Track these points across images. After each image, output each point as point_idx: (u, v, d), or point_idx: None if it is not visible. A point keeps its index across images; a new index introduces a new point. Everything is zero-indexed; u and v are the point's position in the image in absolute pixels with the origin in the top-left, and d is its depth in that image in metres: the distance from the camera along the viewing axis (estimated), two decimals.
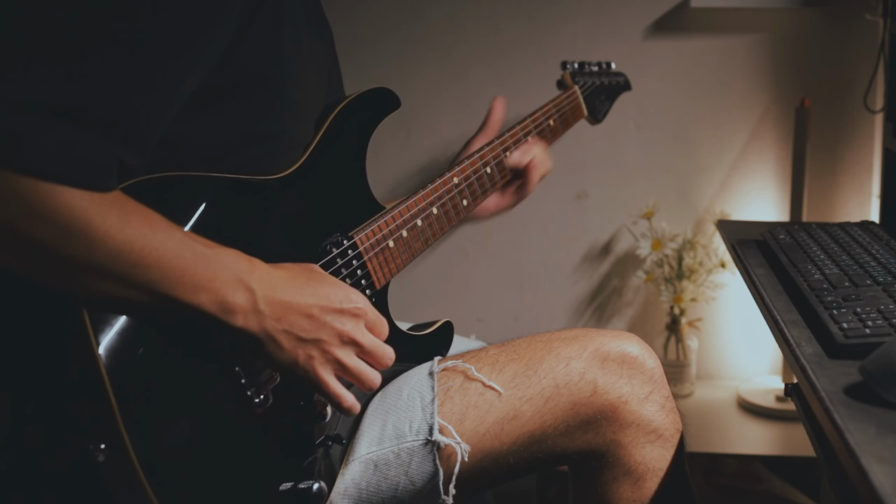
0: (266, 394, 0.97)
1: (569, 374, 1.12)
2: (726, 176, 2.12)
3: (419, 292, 2.21)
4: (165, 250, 0.85)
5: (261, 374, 0.97)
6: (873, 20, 1.93)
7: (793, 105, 2.02)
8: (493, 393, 1.11)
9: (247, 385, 0.95)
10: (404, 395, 1.12)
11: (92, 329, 0.84)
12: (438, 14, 2.13)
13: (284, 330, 0.93)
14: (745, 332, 2.17)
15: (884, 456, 0.74)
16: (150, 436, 0.86)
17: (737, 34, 2.07)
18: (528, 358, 1.14)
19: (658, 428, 1.13)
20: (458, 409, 1.11)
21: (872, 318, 1.00)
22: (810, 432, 1.00)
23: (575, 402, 1.11)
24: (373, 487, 1.09)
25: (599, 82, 1.63)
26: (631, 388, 1.12)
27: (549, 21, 2.08)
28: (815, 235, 1.38)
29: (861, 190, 2.08)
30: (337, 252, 1.10)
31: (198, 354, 0.93)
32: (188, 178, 0.96)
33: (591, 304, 2.21)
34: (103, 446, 0.83)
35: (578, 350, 1.14)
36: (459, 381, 1.13)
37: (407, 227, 1.21)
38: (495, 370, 1.13)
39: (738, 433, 1.98)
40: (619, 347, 1.14)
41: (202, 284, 0.87)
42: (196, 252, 0.87)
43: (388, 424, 1.10)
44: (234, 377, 0.95)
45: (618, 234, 2.17)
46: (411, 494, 1.09)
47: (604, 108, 1.66)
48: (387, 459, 1.09)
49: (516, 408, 1.11)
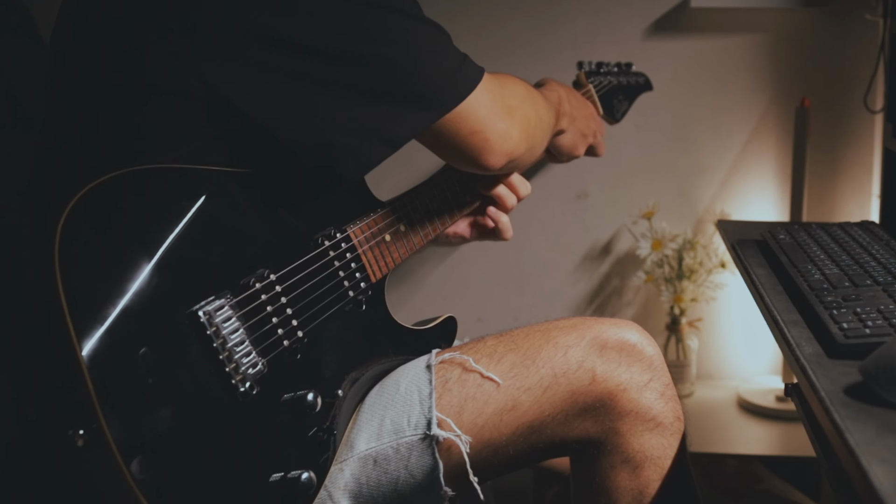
0: (252, 383, 0.97)
1: (567, 362, 1.12)
2: (726, 176, 2.12)
3: (419, 292, 2.21)
4: (546, 100, 1.32)
5: (246, 364, 0.97)
6: (873, 20, 1.93)
7: (793, 105, 2.02)
8: (491, 384, 1.11)
9: (232, 374, 0.95)
10: (402, 388, 1.12)
11: (70, 316, 0.84)
12: (438, 14, 2.12)
13: (573, 129, 1.46)
14: (745, 332, 2.17)
15: (884, 456, 0.74)
16: (130, 422, 0.86)
17: (737, 34, 2.07)
18: (527, 347, 1.14)
19: (657, 416, 1.12)
20: (457, 402, 1.11)
21: (872, 318, 1.00)
22: (810, 432, 1.00)
23: (573, 390, 1.11)
24: (373, 482, 1.09)
25: (617, 82, 1.62)
26: (630, 376, 1.12)
27: (549, 21, 2.08)
28: (815, 235, 1.38)
29: (861, 190, 2.08)
30: (329, 244, 1.10)
31: (181, 343, 0.93)
32: (187, 171, 0.97)
33: (591, 304, 2.21)
34: (82, 431, 0.83)
35: (577, 338, 1.14)
36: (457, 373, 1.12)
37: (405, 221, 1.21)
38: (493, 361, 1.13)
39: (738, 433, 1.98)
40: (618, 335, 1.14)
41: (560, 117, 1.38)
42: (550, 99, 1.35)
43: (387, 419, 1.10)
44: (219, 366, 0.95)
45: (618, 234, 2.17)
46: (412, 488, 1.09)
47: (622, 108, 1.66)
48: (386, 455, 1.09)
49: (515, 398, 1.11)
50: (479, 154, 1.14)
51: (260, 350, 0.99)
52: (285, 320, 1.03)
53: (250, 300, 1.00)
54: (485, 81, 1.14)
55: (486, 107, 1.13)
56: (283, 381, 1.02)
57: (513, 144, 1.17)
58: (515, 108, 1.18)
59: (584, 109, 1.49)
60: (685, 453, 1.15)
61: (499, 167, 1.17)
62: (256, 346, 0.99)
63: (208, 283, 0.97)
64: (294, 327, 1.04)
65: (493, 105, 1.14)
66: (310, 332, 1.06)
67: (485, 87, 1.13)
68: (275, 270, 1.03)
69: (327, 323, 1.09)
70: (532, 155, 1.26)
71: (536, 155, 1.29)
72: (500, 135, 1.15)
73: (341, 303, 1.12)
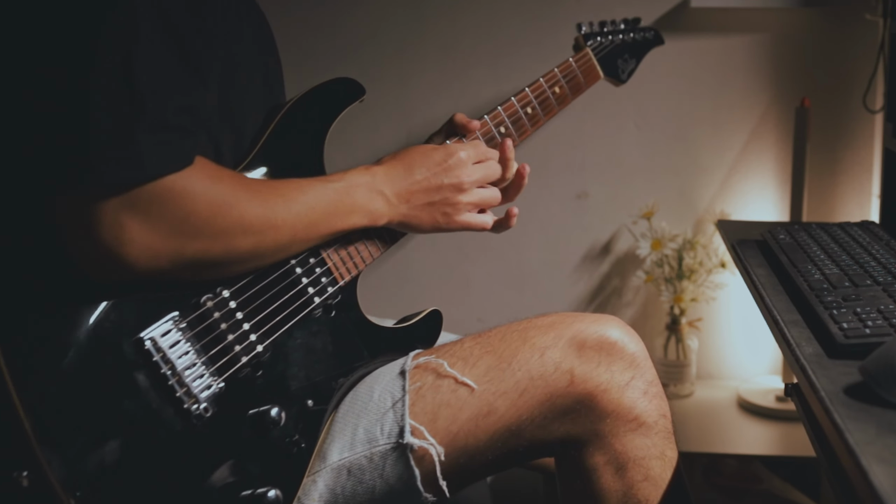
0: (208, 404, 0.96)
1: (543, 364, 1.09)
2: (726, 176, 2.12)
3: (419, 292, 2.21)
4: (316, 204, 1.04)
5: (199, 385, 0.96)
6: (873, 20, 1.93)
7: (793, 105, 2.02)
8: (466, 389, 1.09)
9: (183, 398, 0.94)
10: (375, 395, 1.10)
11: (3, 355, 0.83)
12: (438, 14, 2.13)
13: (416, 206, 1.14)
14: (745, 332, 2.17)
15: (884, 456, 0.74)
16: (74, 460, 0.85)
17: (737, 34, 2.07)
18: (503, 350, 1.11)
19: (640, 415, 1.09)
20: (430, 409, 1.08)
21: (872, 318, 1.00)
22: (810, 432, 1.00)
23: (551, 393, 1.08)
24: (348, 493, 1.07)
25: (620, 40, 1.53)
26: (610, 376, 1.09)
27: (549, 21, 2.08)
28: (815, 235, 1.38)
29: (861, 190, 2.08)
30: None
31: (127, 372, 0.91)
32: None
33: (591, 304, 2.21)
34: (26, 473, 0.83)
35: (554, 339, 1.11)
36: (431, 379, 1.10)
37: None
38: (468, 365, 1.11)
39: (738, 433, 1.98)
40: (598, 333, 1.11)
41: (351, 210, 1.08)
42: (335, 189, 1.07)
43: (360, 428, 1.08)
44: (169, 391, 0.94)
45: (618, 234, 2.17)
46: (390, 497, 1.07)
47: (628, 68, 1.55)
48: (360, 464, 1.07)
49: (490, 403, 1.08)
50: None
51: (216, 369, 0.98)
52: (242, 336, 1.01)
53: (202, 319, 0.98)
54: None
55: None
56: (244, 397, 1.00)
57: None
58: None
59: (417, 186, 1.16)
60: (677, 455, 1.12)
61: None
62: (211, 365, 0.97)
63: (156, 305, 0.95)
64: (252, 342, 1.01)
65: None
66: (271, 344, 1.03)
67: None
68: (230, 285, 1.01)
69: (292, 332, 1.06)
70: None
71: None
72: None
73: (306, 310, 1.08)
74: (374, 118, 2.10)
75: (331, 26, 2.12)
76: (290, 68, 1.29)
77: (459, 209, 1.18)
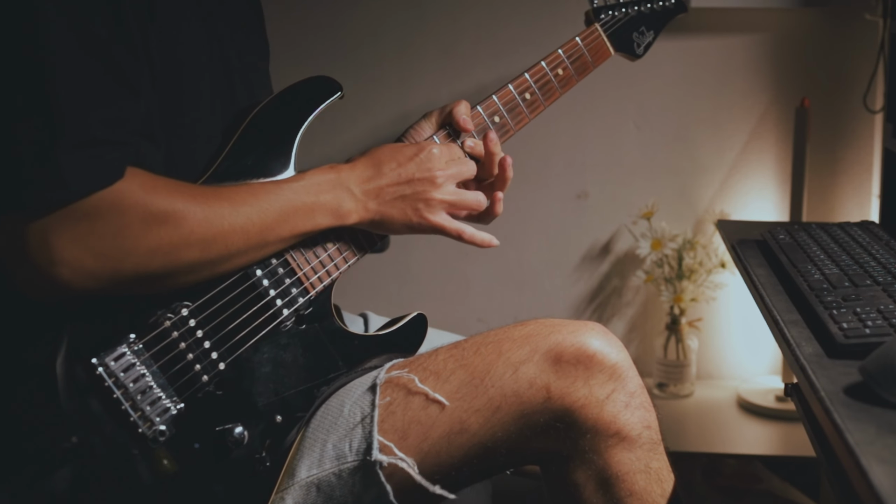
0: (164, 426, 0.95)
1: (517, 381, 1.04)
2: (726, 176, 2.12)
3: (419, 292, 2.21)
4: (270, 206, 1.00)
5: (156, 409, 0.95)
6: (873, 20, 1.93)
7: (793, 105, 2.02)
8: (437, 406, 1.05)
9: (138, 423, 0.94)
10: (346, 410, 1.07)
11: None
12: (439, 13, 2.13)
13: (387, 202, 1.09)
14: (745, 332, 2.17)
15: (884, 456, 0.74)
16: (21, 490, 0.85)
17: (737, 34, 2.07)
18: (476, 364, 1.06)
19: (622, 429, 1.04)
20: (400, 426, 1.04)
21: (872, 318, 1.00)
22: (810, 432, 1.00)
23: (526, 410, 1.04)
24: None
25: (636, 11, 1.41)
26: (588, 391, 1.04)
27: (549, 21, 2.08)
28: (815, 235, 1.38)
29: (861, 190, 2.08)
30: (256, 264, 1.04)
31: (80, 398, 0.91)
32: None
33: (591, 304, 2.21)
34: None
35: (529, 352, 1.05)
36: (402, 395, 1.06)
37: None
38: (440, 380, 1.06)
39: (738, 433, 1.98)
40: (575, 345, 1.05)
41: (314, 209, 1.04)
42: (293, 189, 1.03)
43: (329, 444, 1.05)
44: (124, 416, 0.93)
45: (618, 234, 2.17)
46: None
47: (645, 41, 1.43)
48: (329, 482, 1.04)
49: (462, 420, 1.04)
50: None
51: (175, 389, 0.97)
52: (202, 354, 0.99)
53: (159, 339, 0.96)
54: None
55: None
56: (206, 417, 0.99)
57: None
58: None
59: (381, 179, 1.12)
60: (665, 464, 1.08)
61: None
62: (169, 386, 0.96)
63: (111, 326, 0.94)
64: (213, 360, 1.00)
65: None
66: (234, 361, 1.01)
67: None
68: (192, 300, 0.99)
69: (259, 347, 1.03)
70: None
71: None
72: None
73: (273, 323, 1.05)
74: (374, 118, 2.10)
75: (330, 26, 2.12)
76: (291, 68, 1.29)
77: (432, 206, 1.11)
